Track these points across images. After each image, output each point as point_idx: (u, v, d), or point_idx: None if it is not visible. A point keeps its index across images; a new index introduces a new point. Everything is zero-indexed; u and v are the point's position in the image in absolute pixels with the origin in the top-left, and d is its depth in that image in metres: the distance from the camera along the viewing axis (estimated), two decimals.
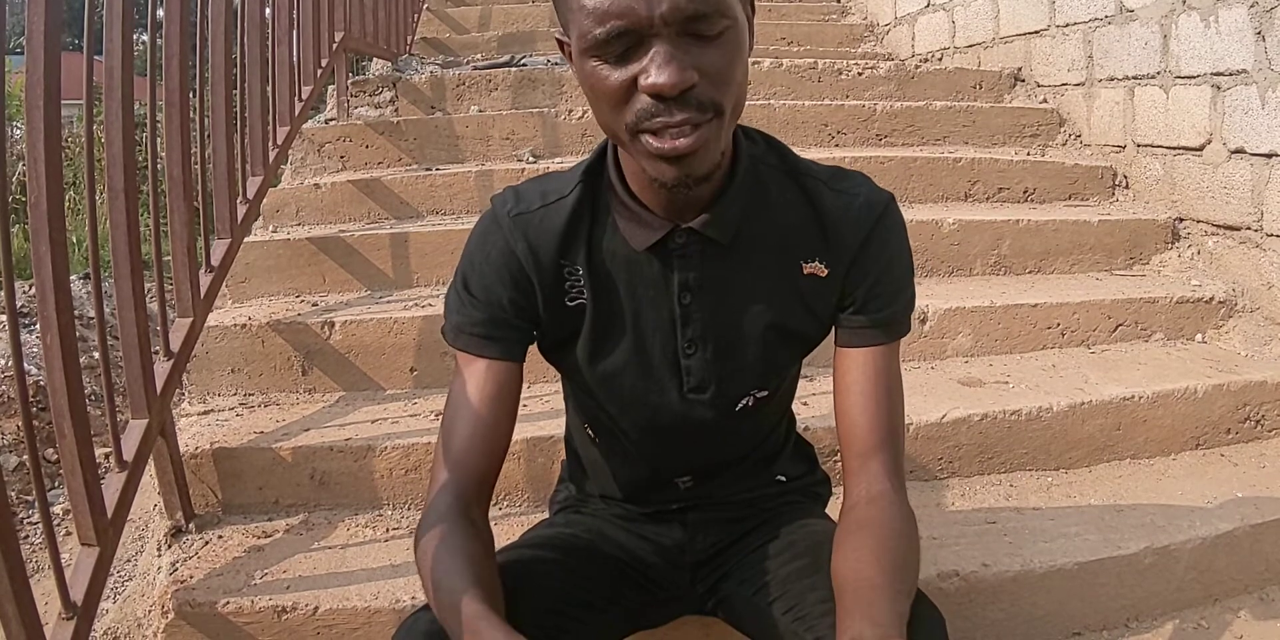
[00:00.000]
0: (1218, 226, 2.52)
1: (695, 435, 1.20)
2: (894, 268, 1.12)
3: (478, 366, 1.12)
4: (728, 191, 1.06)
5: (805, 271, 1.11)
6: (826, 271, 1.11)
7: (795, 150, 1.16)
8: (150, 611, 1.62)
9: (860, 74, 3.49)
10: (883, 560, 0.99)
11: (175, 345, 1.76)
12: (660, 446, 1.22)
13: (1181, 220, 2.66)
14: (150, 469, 1.67)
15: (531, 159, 2.94)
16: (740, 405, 1.18)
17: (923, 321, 2.23)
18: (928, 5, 4.19)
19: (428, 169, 2.86)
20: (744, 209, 1.08)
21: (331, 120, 3.25)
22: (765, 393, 1.19)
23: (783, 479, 1.32)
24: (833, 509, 1.43)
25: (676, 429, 1.18)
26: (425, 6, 4.80)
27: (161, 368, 1.69)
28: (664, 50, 0.89)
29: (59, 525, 2.34)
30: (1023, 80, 3.49)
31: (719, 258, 1.09)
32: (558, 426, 1.53)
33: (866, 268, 1.11)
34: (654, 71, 0.89)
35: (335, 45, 3.11)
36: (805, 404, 1.87)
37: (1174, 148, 2.66)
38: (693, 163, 0.95)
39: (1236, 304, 2.39)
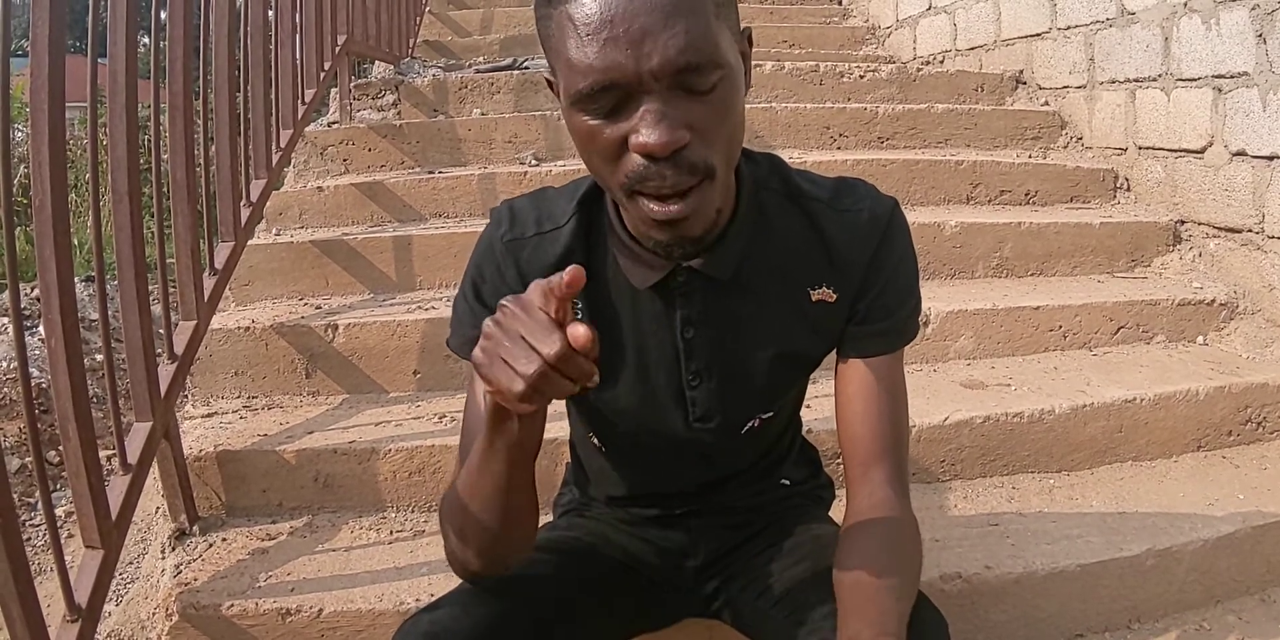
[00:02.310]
0: (1219, 229, 2.52)
1: (700, 456, 1.20)
2: (899, 275, 1.10)
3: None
4: (730, 229, 1.03)
5: (814, 299, 1.09)
6: (836, 296, 1.08)
7: (797, 154, 1.16)
8: (154, 614, 1.62)
9: (862, 77, 3.49)
10: (882, 563, 0.98)
11: (179, 348, 1.76)
12: (665, 463, 1.22)
13: (1183, 223, 2.66)
14: (154, 471, 1.68)
15: (534, 162, 2.94)
16: (746, 428, 1.18)
17: (925, 324, 2.23)
18: (929, 8, 4.20)
19: (430, 172, 2.87)
20: (747, 243, 1.06)
21: (334, 123, 3.25)
22: (770, 413, 1.18)
23: (786, 483, 1.33)
24: (835, 512, 1.43)
25: (681, 451, 1.19)
26: (427, 9, 4.81)
27: (165, 370, 1.70)
28: (655, 108, 0.85)
29: (63, 528, 2.35)
30: (1024, 83, 3.50)
31: (721, 292, 1.07)
32: (561, 429, 1.53)
33: (874, 280, 1.08)
34: (644, 131, 0.85)
35: (338, 48, 3.11)
36: (808, 406, 1.85)
37: (1175, 150, 2.66)
38: (686, 227, 0.92)
39: (1238, 306, 2.39)
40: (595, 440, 1.25)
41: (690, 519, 1.29)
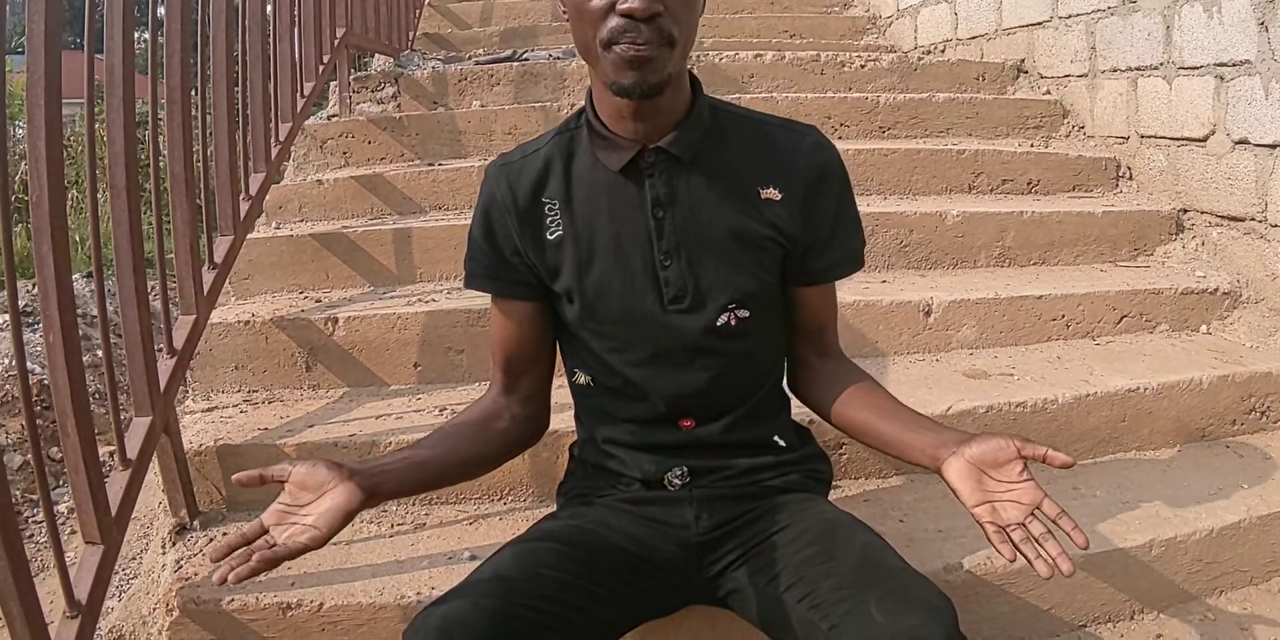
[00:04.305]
0: (1222, 217, 2.51)
1: (685, 356, 1.28)
2: (844, 208, 1.32)
3: (495, 304, 1.36)
4: (688, 118, 1.25)
5: (763, 196, 1.28)
6: (781, 196, 1.28)
7: None
8: (155, 609, 1.63)
9: (863, 66, 3.48)
10: (886, 392, 1.35)
11: (179, 342, 1.76)
12: (654, 373, 1.29)
13: (1185, 211, 2.65)
14: (154, 466, 1.68)
15: None
16: (721, 321, 1.28)
17: (927, 314, 2.23)
18: None
19: (430, 164, 2.86)
20: (704, 136, 1.27)
21: (334, 116, 3.24)
22: (746, 312, 1.29)
23: (780, 442, 1.36)
24: (837, 498, 1.43)
25: (666, 349, 1.29)
26: (427, 2, 4.80)
27: (165, 365, 1.69)
28: None
29: (63, 524, 2.35)
30: (1026, 72, 3.48)
31: (684, 175, 1.27)
32: (561, 421, 1.53)
33: (823, 207, 1.29)
34: None
35: (337, 41, 3.11)
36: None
37: (1177, 139, 2.65)
38: (648, 70, 1.14)
39: (1241, 295, 2.38)
40: (588, 377, 1.34)
41: (691, 490, 1.31)
